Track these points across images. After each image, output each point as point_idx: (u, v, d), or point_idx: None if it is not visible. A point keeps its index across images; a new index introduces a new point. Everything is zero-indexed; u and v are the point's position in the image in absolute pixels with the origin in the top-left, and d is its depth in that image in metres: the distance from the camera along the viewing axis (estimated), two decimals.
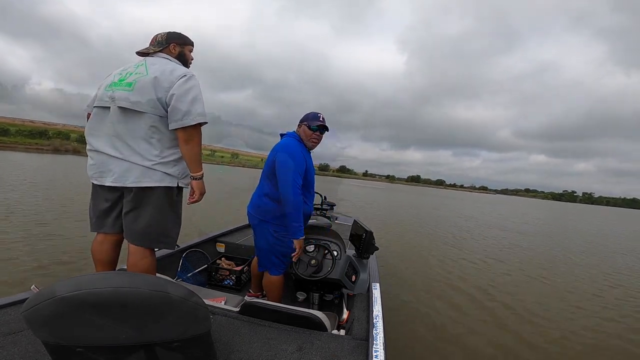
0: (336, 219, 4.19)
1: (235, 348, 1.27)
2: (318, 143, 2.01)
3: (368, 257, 2.27)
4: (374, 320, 1.54)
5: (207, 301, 1.65)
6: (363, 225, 2.27)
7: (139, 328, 0.81)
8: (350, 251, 2.26)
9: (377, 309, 1.66)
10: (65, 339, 0.79)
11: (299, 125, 2.01)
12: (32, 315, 0.74)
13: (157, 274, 1.71)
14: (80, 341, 0.81)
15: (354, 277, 2.02)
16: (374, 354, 1.27)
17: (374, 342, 1.34)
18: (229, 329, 1.40)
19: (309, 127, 1.96)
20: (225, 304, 1.69)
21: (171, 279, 2.08)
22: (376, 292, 1.89)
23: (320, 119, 1.97)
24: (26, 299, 1.35)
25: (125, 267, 1.61)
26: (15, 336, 1.15)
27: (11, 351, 1.07)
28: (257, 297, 2.23)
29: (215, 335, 1.35)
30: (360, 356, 1.29)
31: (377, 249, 2.24)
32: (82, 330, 0.78)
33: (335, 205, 4.49)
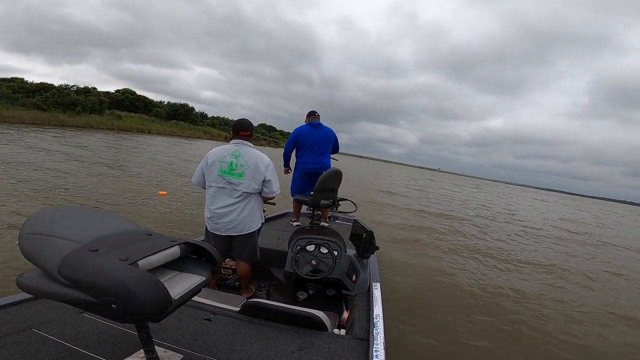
0: (336, 218, 4.18)
1: (235, 348, 1.28)
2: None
3: (368, 257, 2.27)
4: (375, 319, 1.54)
5: (208, 301, 1.66)
6: (363, 225, 2.27)
7: None
8: (351, 251, 2.26)
9: (378, 309, 1.66)
10: None
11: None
12: None
13: None
14: None
15: (354, 277, 2.03)
16: (375, 353, 1.27)
17: (375, 341, 1.34)
18: (229, 329, 1.41)
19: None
20: (226, 303, 1.70)
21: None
22: (377, 292, 1.89)
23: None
24: (27, 299, 1.35)
25: None
26: (16, 336, 1.15)
27: (12, 351, 1.07)
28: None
29: (216, 335, 1.36)
30: (361, 356, 1.29)
31: (377, 248, 2.24)
32: None
33: (340, 203, 3.79)
